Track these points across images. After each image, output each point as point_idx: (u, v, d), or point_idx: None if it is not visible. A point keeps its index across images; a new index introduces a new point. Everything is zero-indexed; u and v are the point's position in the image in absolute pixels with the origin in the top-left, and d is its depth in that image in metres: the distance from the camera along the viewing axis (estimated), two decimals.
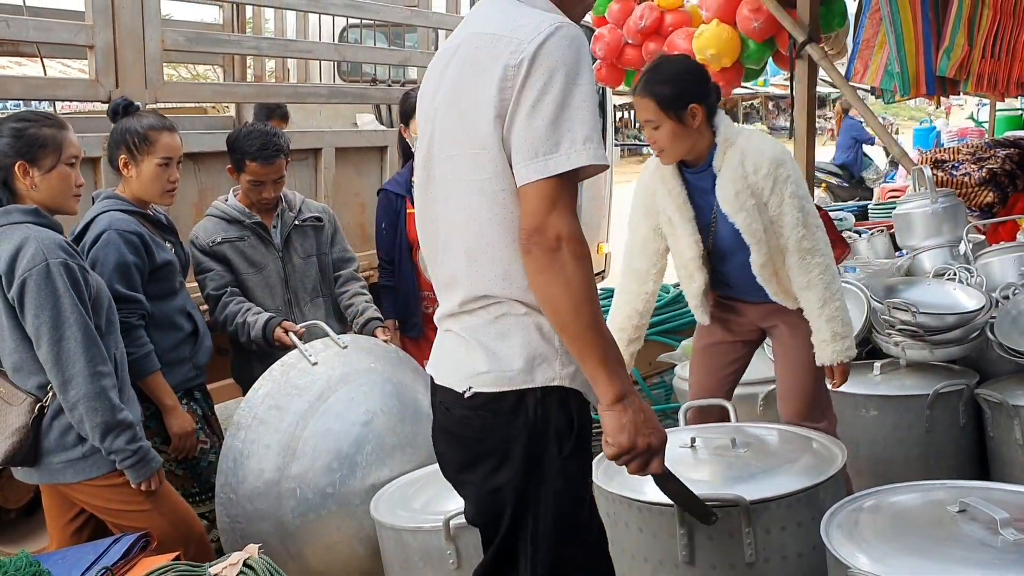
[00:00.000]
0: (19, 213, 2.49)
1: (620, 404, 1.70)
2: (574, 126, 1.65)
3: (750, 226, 2.78)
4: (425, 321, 3.81)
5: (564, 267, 1.64)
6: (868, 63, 5.23)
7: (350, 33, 6.53)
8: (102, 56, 3.56)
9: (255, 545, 1.99)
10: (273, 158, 3.31)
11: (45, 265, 2.40)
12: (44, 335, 2.42)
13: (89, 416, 2.46)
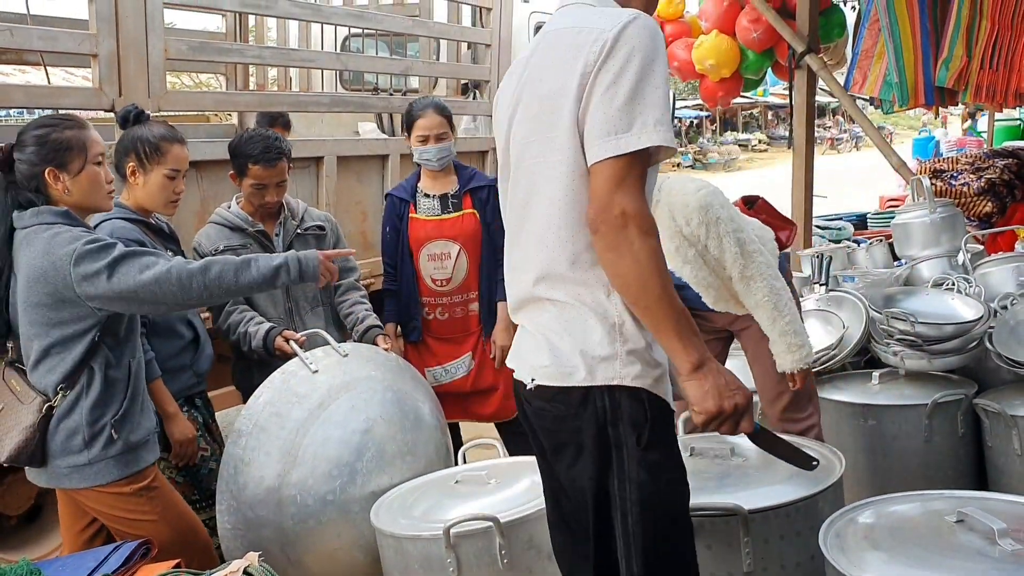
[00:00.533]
0: (50, 214, 2.50)
1: (700, 371, 1.73)
2: (646, 109, 1.69)
3: (696, 276, 2.91)
4: (425, 325, 3.82)
5: (632, 243, 1.68)
6: (867, 73, 5.25)
7: (352, 42, 6.57)
8: (105, 64, 3.57)
9: (255, 553, 2.00)
10: (275, 161, 3.34)
11: (82, 245, 2.41)
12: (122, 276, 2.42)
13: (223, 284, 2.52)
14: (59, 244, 2.43)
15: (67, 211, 2.52)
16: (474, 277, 3.83)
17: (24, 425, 2.50)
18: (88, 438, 2.53)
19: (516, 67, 2.00)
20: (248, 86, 6.49)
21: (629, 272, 1.70)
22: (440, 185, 3.81)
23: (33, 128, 2.55)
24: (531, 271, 1.87)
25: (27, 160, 2.50)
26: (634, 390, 1.79)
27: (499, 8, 5.80)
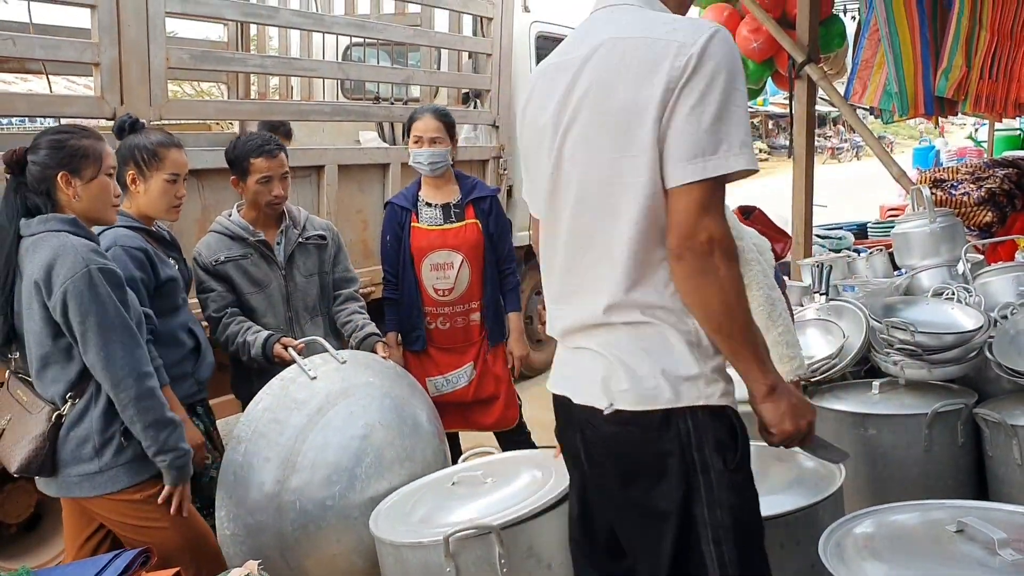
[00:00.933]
0: (57, 222, 2.51)
1: (775, 394, 1.73)
2: (732, 129, 1.65)
3: None
4: (427, 335, 3.83)
5: (717, 270, 1.65)
6: (867, 83, 5.27)
7: (353, 51, 6.60)
8: (107, 73, 3.59)
9: (254, 561, 2.00)
10: (276, 151, 3.38)
11: (87, 271, 2.43)
12: (91, 339, 2.44)
13: (140, 415, 2.49)
14: (67, 253, 2.44)
15: (75, 219, 2.53)
16: (476, 287, 3.84)
17: (34, 435, 2.52)
18: (99, 446, 2.54)
19: (558, 72, 1.87)
20: (250, 95, 6.52)
21: (714, 300, 1.66)
22: (442, 195, 3.82)
23: (51, 133, 2.58)
24: (600, 296, 1.78)
25: (41, 162, 2.51)
26: (719, 409, 1.75)
27: (500, 18, 5.83)
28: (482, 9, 5.81)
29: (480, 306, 3.86)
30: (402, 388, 3.26)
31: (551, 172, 1.86)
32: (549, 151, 1.86)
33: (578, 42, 1.87)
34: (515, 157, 6.39)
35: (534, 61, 6.71)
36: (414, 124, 3.75)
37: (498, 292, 3.89)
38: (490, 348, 3.89)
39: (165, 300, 3.02)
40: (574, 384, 1.88)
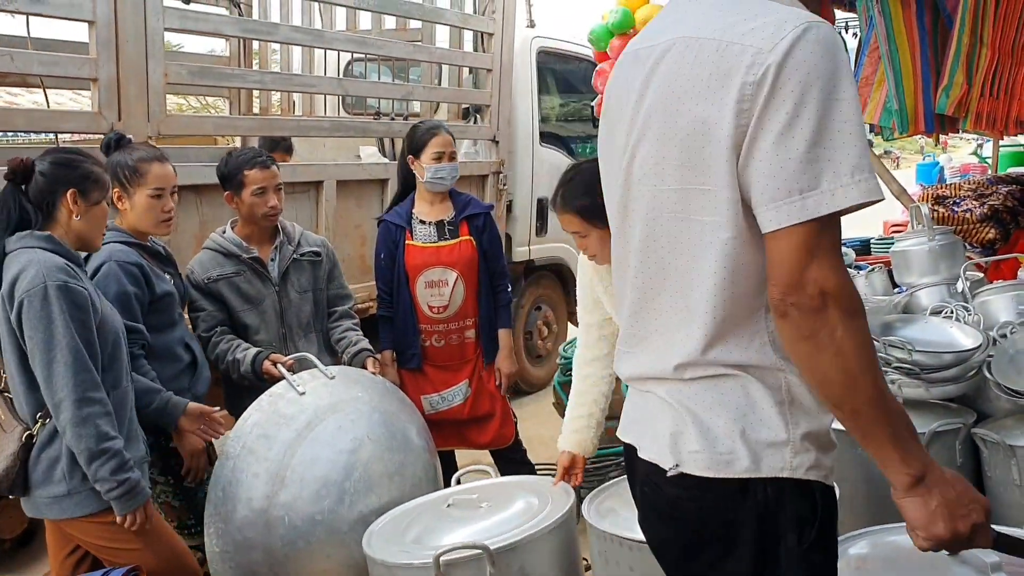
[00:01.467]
0: (33, 239, 2.51)
1: (922, 486, 1.37)
2: (836, 154, 1.32)
3: None
4: (422, 352, 3.81)
5: (833, 331, 1.33)
6: (867, 100, 5.25)
7: (355, 67, 6.62)
8: (105, 89, 3.60)
9: None
10: (269, 163, 3.39)
11: (43, 287, 2.41)
12: (36, 356, 2.42)
13: (75, 441, 2.44)
14: (30, 268, 2.43)
15: (50, 236, 2.52)
16: (471, 304, 3.82)
17: (6, 453, 2.50)
18: (67, 469, 2.51)
19: (636, 64, 1.56)
20: (252, 109, 6.53)
21: (830, 367, 1.34)
22: (436, 212, 3.81)
23: (65, 152, 2.64)
24: (673, 351, 1.53)
25: (52, 175, 2.53)
26: (805, 483, 1.47)
27: (500, 33, 5.84)
28: (483, 25, 5.82)
29: (475, 323, 3.85)
30: (391, 403, 3.25)
31: (622, 186, 1.59)
32: (620, 160, 1.59)
33: (660, 29, 1.56)
34: (515, 172, 6.40)
35: (535, 76, 6.73)
36: (432, 141, 3.70)
37: (490, 310, 3.88)
38: (485, 366, 3.88)
39: (161, 315, 3.02)
40: (639, 433, 1.63)
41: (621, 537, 2.38)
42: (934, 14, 4.95)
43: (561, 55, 7.17)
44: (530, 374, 6.92)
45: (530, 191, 6.67)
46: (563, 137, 7.32)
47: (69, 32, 4.34)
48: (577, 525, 2.69)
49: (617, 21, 5.75)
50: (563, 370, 5.10)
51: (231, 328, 3.37)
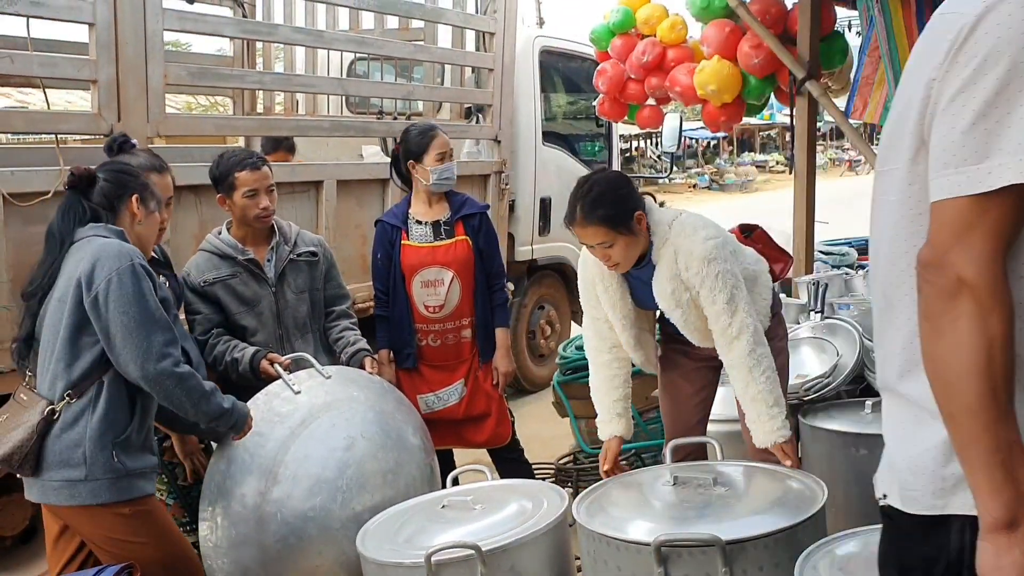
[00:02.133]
0: (105, 229, 2.62)
1: (1006, 532, 1.21)
2: (1014, 127, 1.19)
3: (687, 321, 2.92)
4: (418, 352, 3.83)
5: (956, 320, 1.22)
6: (867, 100, 5.24)
7: (358, 66, 6.64)
8: (105, 90, 3.63)
9: None
10: (260, 165, 3.39)
11: (131, 265, 2.51)
12: (132, 330, 2.50)
13: (189, 396, 2.60)
14: (111, 250, 2.54)
15: (122, 231, 2.65)
16: (467, 304, 3.84)
17: (24, 425, 2.49)
18: (89, 454, 2.50)
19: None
20: (256, 109, 6.56)
21: (944, 358, 1.24)
22: (432, 212, 3.82)
23: (123, 163, 2.80)
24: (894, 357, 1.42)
25: (116, 180, 2.68)
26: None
27: (502, 33, 5.85)
28: (485, 24, 5.84)
29: (471, 323, 3.86)
30: (388, 403, 3.27)
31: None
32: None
33: None
34: (517, 172, 6.41)
35: (538, 76, 6.74)
36: (433, 142, 3.72)
37: (487, 310, 3.89)
38: (481, 365, 3.89)
39: None
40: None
41: (609, 537, 2.39)
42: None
43: (564, 54, 7.18)
44: (532, 373, 6.93)
45: (532, 190, 6.67)
46: (566, 136, 7.33)
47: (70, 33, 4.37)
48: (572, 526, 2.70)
49: (618, 21, 5.76)
50: (563, 370, 5.12)
51: (228, 330, 3.39)
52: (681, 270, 2.85)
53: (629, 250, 2.86)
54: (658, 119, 6.10)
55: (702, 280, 2.83)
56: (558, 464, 4.81)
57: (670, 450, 2.99)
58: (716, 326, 2.87)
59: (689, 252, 2.84)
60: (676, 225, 2.89)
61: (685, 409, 3.24)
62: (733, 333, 2.84)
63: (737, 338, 2.84)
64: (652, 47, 5.61)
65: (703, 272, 2.82)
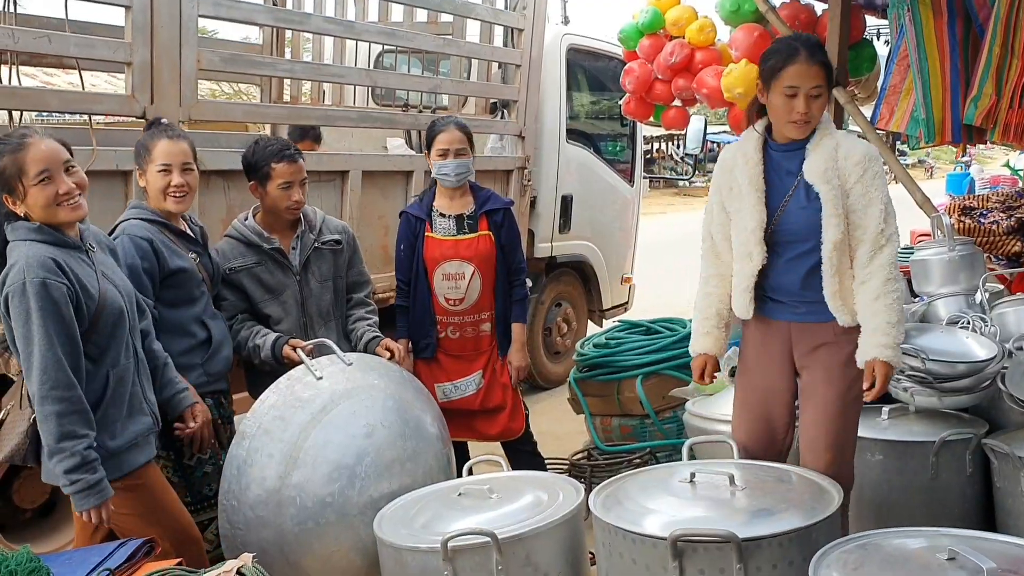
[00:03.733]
0: (24, 230, 2.57)
1: None
2: None
3: (835, 199, 2.79)
4: (438, 342, 3.86)
5: None
6: (894, 108, 5.23)
7: (385, 58, 6.67)
8: (139, 73, 3.67)
9: (249, 554, 2.05)
10: (296, 157, 3.43)
11: (21, 284, 2.48)
12: (20, 349, 2.52)
13: (42, 434, 2.53)
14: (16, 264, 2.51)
15: (40, 226, 2.56)
16: (487, 298, 3.87)
17: (19, 431, 2.62)
18: None
19: None
20: (282, 97, 6.60)
21: None
22: (456, 205, 3.85)
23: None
24: None
25: None
26: None
27: (531, 29, 5.87)
28: (513, 20, 5.86)
29: (491, 317, 3.89)
30: (407, 391, 3.30)
31: None
32: None
33: None
34: (540, 168, 6.43)
35: (564, 73, 6.75)
36: (438, 137, 3.77)
37: (507, 305, 3.92)
38: (500, 358, 3.92)
39: (175, 291, 3.10)
40: None
41: (624, 530, 2.41)
42: (966, 24, 4.93)
43: (591, 53, 7.19)
44: (548, 370, 6.95)
45: (555, 188, 6.69)
46: (590, 135, 7.34)
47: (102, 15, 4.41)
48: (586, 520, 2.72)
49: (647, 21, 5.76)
50: (580, 367, 5.14)
51: (253, 318, 3.43)
52: (840, 157, 2.80)
53: (821, 113, 2.84)
54: (684, 120, 6.09)
55: (862, 173, 2.79)
56: (572, 460, 4.83)
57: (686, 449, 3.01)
58: (868, 227, 2.79)
59: (854, 144, 2.83)
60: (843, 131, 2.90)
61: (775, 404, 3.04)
62: (883, 240, 2.79)
63: (886, 245, 2.79)
64: (680, 48, 5.61)
65: (865, 165, 2.79)
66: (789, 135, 2.87)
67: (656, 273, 10.58)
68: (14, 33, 3.33)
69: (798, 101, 2.77)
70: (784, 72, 2.78)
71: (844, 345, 2.87)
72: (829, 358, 2.90)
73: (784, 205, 2.88)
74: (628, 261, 7.76)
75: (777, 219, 2.89)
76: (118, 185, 3.66)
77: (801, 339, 2.95)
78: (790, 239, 2.88)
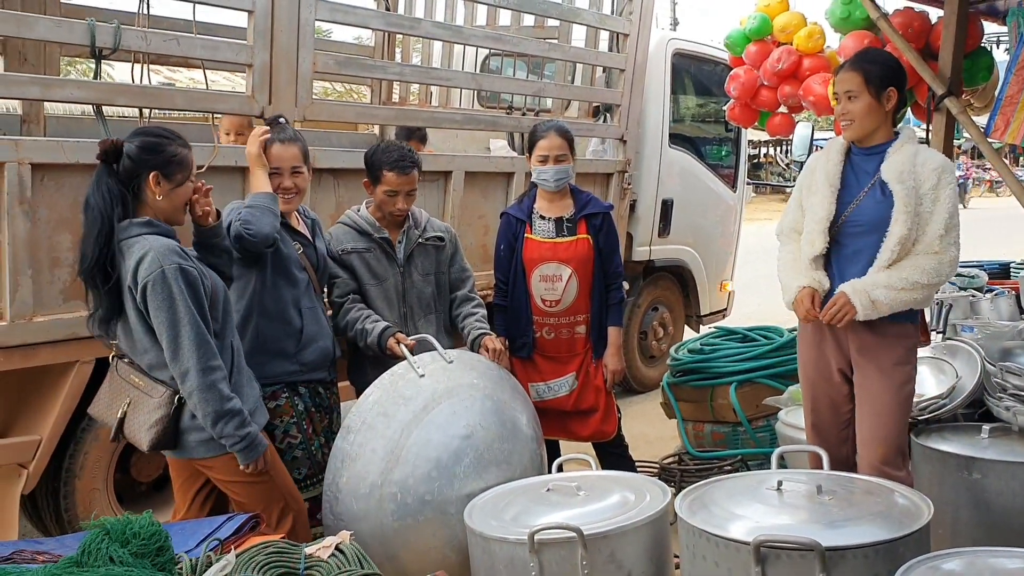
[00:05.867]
0: (136, 226, 2.77)
1: None
2: None
3: (907, 197, 2.98)
4: (534, 343, 3.94)
5: None
6: (1010, 120, 5.06)
7: (491, 62, 6.79)
8: (259, 74, 3.86)
9: (347, 532, 2.16)
10: (409, 169, 3.55)
11: (161, 271, 2.68)
12: (163, 333, 2.72)
13: (201, 405, 2.74)
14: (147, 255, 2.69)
15: (150, 220, 2.79)
16: (584, 301, 3.92)
17: (158, 417, 2.79)
18: None
19: None
20: (391, 98, 6.79)
21: None
22: (556, 208, 3.92)
23: (152, 134, 2.82)
24: None
25: (136, 159, 2.75)
26: None
27: (636, 34, 5.90)
28: (619, 25, 5.89)
29: (586, 319, 3.94)
30: (504, 391, 3.38)
31: None
32: None
33: None
34: (641, 172, 6.45)
35: (668, 78, 6.75)
36: (539, 143, 3.84)
37: (603, 307, 3.96)
38: (594, 361, 3.97)
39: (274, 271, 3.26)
40: None
41: (708, 533, 2.44)
42: None
43: (696, 57, 7.16)
44: (642, 374, 6.96)
45: (655, 191, 6.70)
46: (692, 139, 7.32)
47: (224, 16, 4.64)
48: (673, 524, 2.76)
49: (755, 27, 5.72)
50: (673, 371, 5.15)
51: (362, 300, 3.58)
52: (919, 164, 3.00)
53: (867, 116, 3.07)
54: (789, 127, 6.02)
55: (936, 182, 2.97)
56: (662, 463, 4.85)
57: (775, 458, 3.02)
58: (929, 231, 2.97)
59: (933, 155, 3.05)
60: (918, 144, 3.10)
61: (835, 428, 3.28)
62: (939, 246, 2.97)
63: (940, 253, 2.97)
64: (788, 55, 5.55)
65: (940, 175, 2.98)
66: (842, 136, 3.16)
67: (758, 280, 10.42)
68: (146, 36, 3.55)
69: (841, 103, 3.12)
70: (834, 80, 3.18)
71: (897, 342, 3.07)
72: (882, 355, 3.07)
73: (858, 200, 3.10)
74: (728, 267, 7.70)
75: (849, 212, 3.10)
76: (237, 181, 3.85)
77: (855, 340, 3.12)
78: (857, 231, 3.09)
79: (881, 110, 3.07)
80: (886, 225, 3.00)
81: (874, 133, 3.11)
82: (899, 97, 3.09)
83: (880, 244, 3.02)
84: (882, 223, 3.01)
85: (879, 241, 3.02)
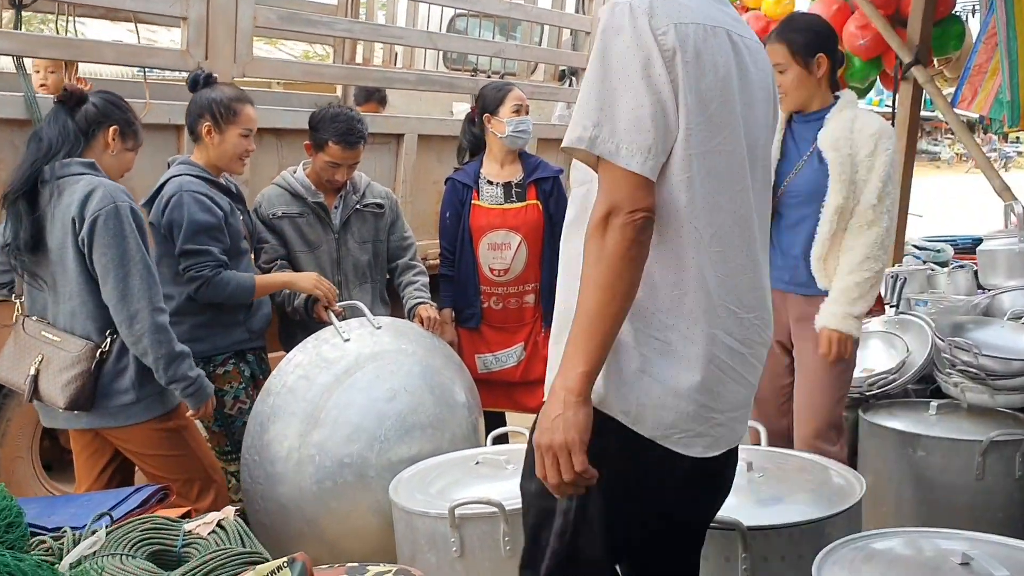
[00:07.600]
0: (79, 165, 2.68)
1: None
2: None
3: (841, 165, 2.90)
4: (482, 313, 3.82)
5: None
6: (978, 89, 4.98)
7: (458, 22, 6.62)
8: (194, 28, 3.68)
9: (231, 507, 2.07)
10: (356, 144, 3.41)
11: (114, 206, 2.59)
12: (111, 272, 2.60)
13: (154, 348, 2.64)
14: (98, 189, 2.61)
15: (93, 163, 2.70)
16: (533, 269, 3.80)
17: (77, 372, 2.65)
18: (136, 378, 2.70)
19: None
20: (354, 60, 6.60)
21: None
22: (505, 173, 3.79)
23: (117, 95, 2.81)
24: None
25: (102, 107, 2.73)
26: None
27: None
28: None
29: (535, 288, 3.83)
30: (436, 358, 3.29)
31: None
32: None
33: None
34: None
35: None
36: (508, 94, 3.71)
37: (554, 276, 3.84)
38: (542, 331, 3.86)
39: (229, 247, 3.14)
40: None
41: None
42: None
43: None
44: None
45: None
46: None
47: None
48: None
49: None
50: None
51: (290, 266, 3.45)
52: (856, 129, 2.92)
53: (799, 87, 2.98)
54: None
55: (873, 146, 2.89)
56: None
57: None
58: (862, 200, 2.89)
59: (871, 119, 2.96)
60: (866, 108, 3.03)
61: (773, 397, 3.19)
62: (872, 216, 2.89)
63: (874, 223, 2.89)
64: (755, 21, 5.45)
65: (878, 141, 2.90)
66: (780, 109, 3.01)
67: None
68: None
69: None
70: None
71: None
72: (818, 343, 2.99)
73: (797, 169, 3.02)
74: None
75: (788, 182, 3.02)
76: (171, 139, 3.70)
77: (794, 309, 3.06)
78: (796, 201, 3.01)
79: (812, 78, 2.97)
80: (822, 195, 2.93)
81: (810, 101, 3.02)
82: (830, 61, 2.98)
83: (816, 215, 2.95)
84: (820, 192, 2.94)
85: (819, 211, 2.94)
